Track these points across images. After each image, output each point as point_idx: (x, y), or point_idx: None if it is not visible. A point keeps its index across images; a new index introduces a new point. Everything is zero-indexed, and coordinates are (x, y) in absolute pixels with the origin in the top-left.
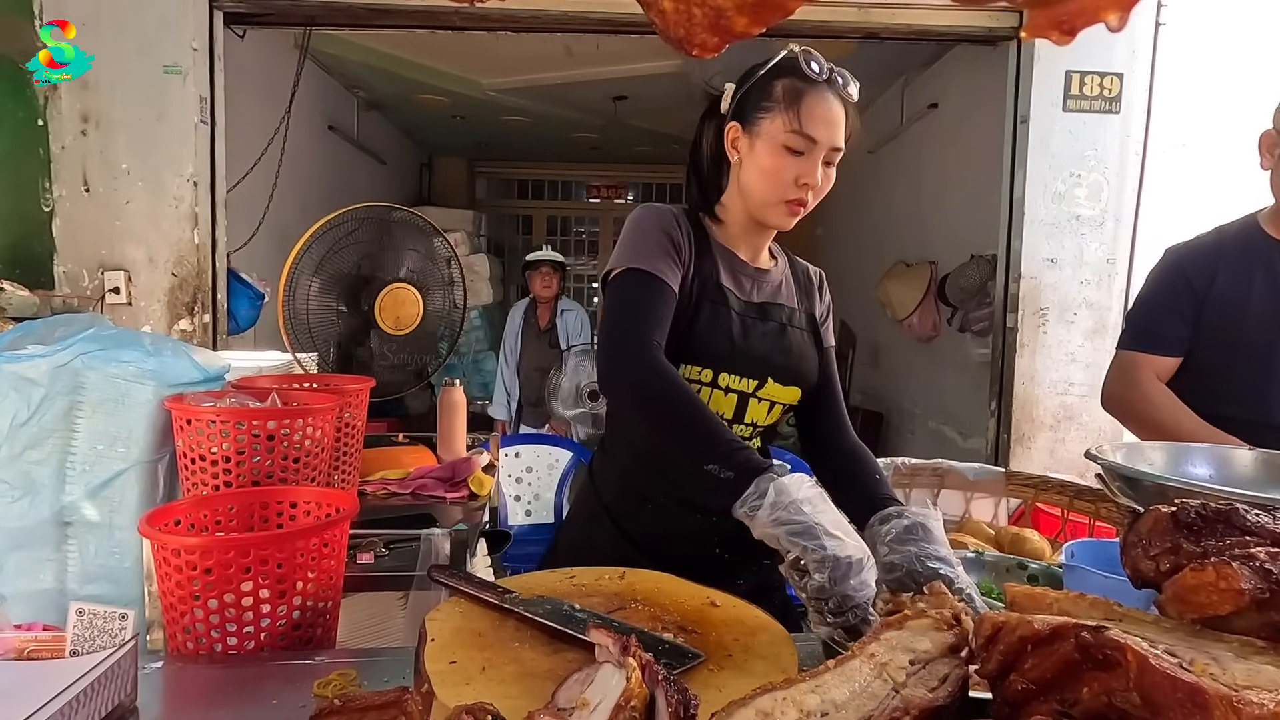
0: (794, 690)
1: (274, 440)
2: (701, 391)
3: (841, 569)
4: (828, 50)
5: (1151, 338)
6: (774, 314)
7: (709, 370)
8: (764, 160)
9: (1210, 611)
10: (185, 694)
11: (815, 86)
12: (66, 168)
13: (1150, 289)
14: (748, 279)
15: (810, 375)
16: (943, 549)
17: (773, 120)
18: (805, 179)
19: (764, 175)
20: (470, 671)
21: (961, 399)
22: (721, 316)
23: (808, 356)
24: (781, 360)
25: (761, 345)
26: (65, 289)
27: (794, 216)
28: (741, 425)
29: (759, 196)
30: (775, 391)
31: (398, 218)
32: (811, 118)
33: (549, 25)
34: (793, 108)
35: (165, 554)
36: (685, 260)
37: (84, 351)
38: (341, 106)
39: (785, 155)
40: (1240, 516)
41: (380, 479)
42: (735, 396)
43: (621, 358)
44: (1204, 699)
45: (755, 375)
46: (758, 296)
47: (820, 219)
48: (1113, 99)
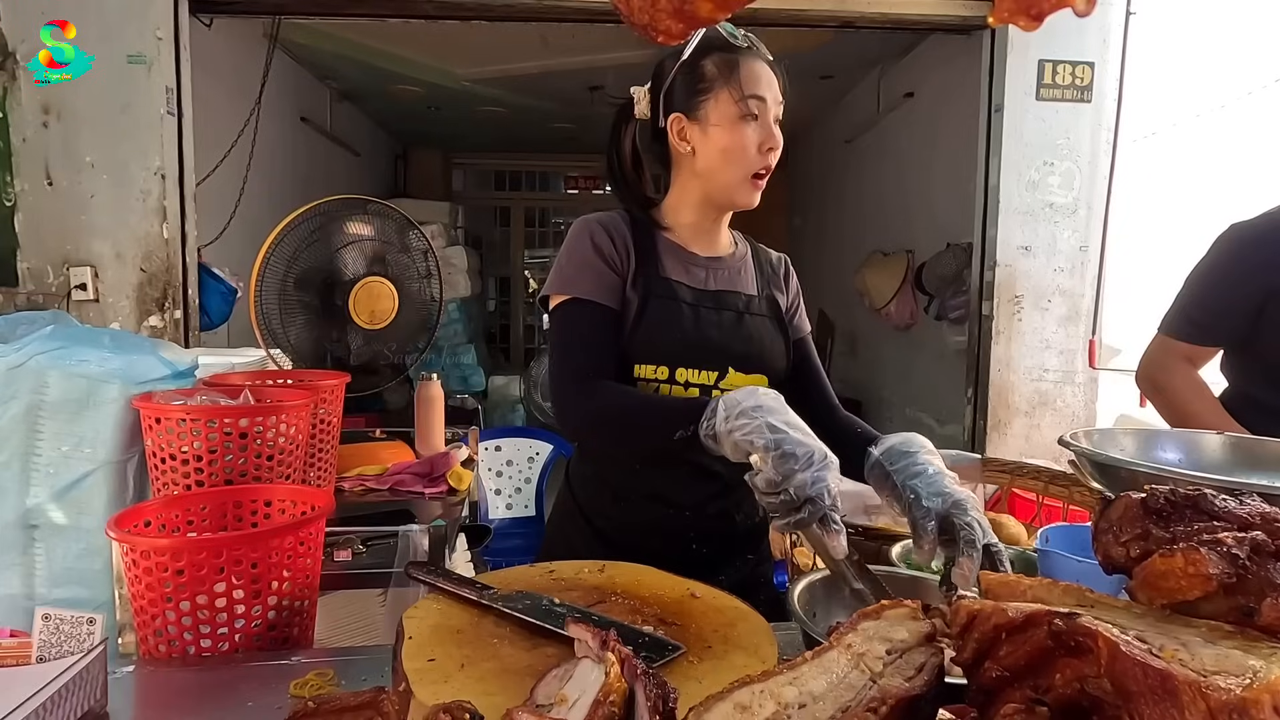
0: (771, 683)
1: (247, 438)
2: (660, 390)
3: (789, 461)
4: (803, 39)
5: (1192, 326)
6: (731, 302)
7: (664, 368)
8: (722, 139)
9: (1179, 597)
10: (158, 698)
11: (742, 54)
12: (28, 161)
13: (1204, 274)
14: (700, 268)
15: (776, 361)
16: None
17: (717, 98)
18: (768, 142)
19: (726, 154)
20: (448, 669)
21: (938, 386)
22: (671, 310)
23: (771, 343)
24: (741, 348)
25: (718, 335)
26: (29, 286)
27: (758, 190)
28: None
29: (724, 178)
30: (739, 381)
31: (371, 210)
32: (753, 80)
33: (524, 14)
34: (733, 78)
35: (135, 556)
36: (624, 264)
37: (43, 350)
38: (314, 98)
39: (742, 126)
40: (1208, 502)
41: (357, 475)
42: (697, 391)
43: (569, 404)
44: (1173, 685)
45: (714, 366)
46: (714, 285)
47: (797, 209)
48: (1084, 88)
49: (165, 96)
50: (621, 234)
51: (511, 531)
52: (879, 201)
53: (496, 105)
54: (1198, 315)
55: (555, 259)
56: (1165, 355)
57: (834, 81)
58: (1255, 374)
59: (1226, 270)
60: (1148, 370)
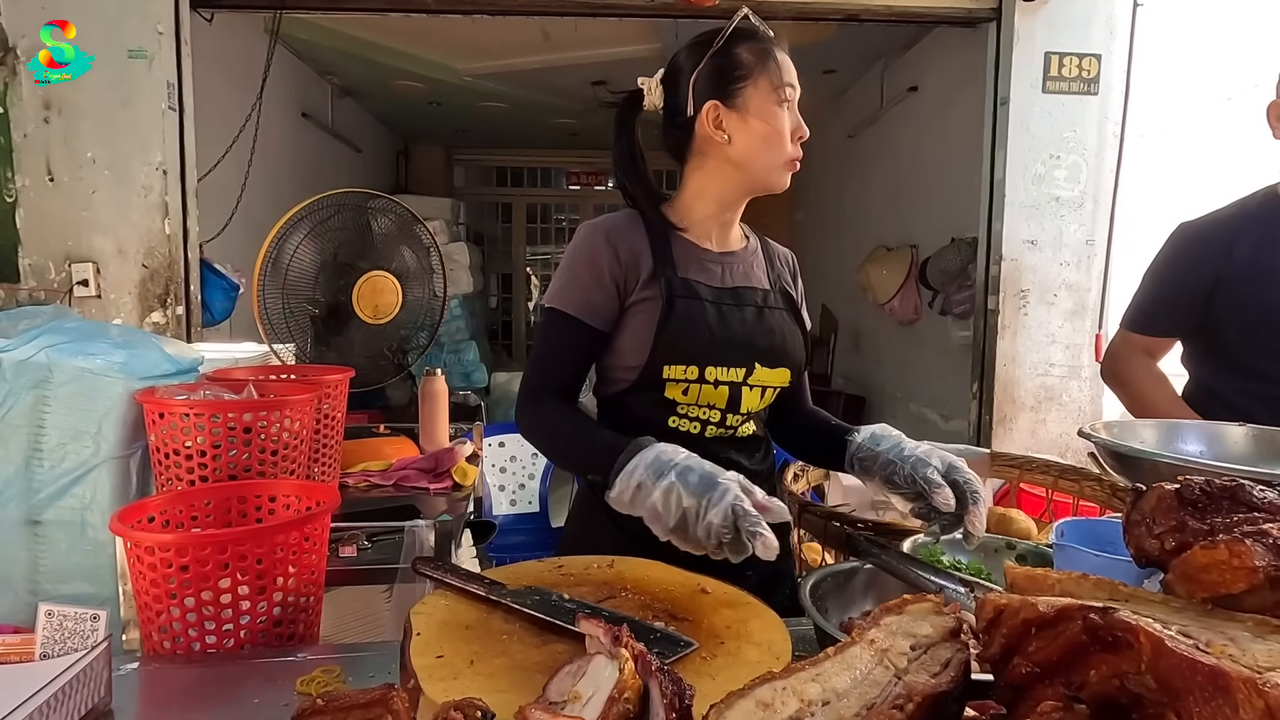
0: (794, 679)
1: (251, 433)
2: (691, 389)
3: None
4: (806, 33)
5: (1145, 318)
6: (749, 297)
7: (694, 368)
8: (761, 126)
9: (1222, 590)
10: (163, 695)
11: (771, 43)
12: (29, 157)
13: (1154, 269)
14: (716, 265)
15: (796, 354)
16: (909, 443)
17: (755, 84)
18: (799, 130)
19: (766, 140)
20: (458, 666)
21: (943, 381)
22: (695, 310)
23: (791, 336)
24: (765, 343)
25: (742, 331)
26: (31, 282)
27: (791, 173)
28: (736, 415)
29: (763, 162)
30: (765, 376)
31: (375, 205)
32: (787, 68)
33: (526, 9)
34: (770, 65)
35: (139, 551)
36: (630, 274)
37: (49, 345)
38: (315, 93)
39: (779, 112)
40: (1246, 493)
41: (362, 471)
42: (726, 389)
43: (518, 412)
44: (1226, 681)
45: (741, 363)
46: (731, 281)
47: (800, 204)
48: (1091, 80)
49: (166, 92)
50: (629, 240)
51: (516, 528)
52: (882, 196)
53: (498, 101)
54: (1150, 308)
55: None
56: (1125, 349)
57: (837, 75)
58: (1210, 364)
59: (1175, 263)
60: (1110, 364)
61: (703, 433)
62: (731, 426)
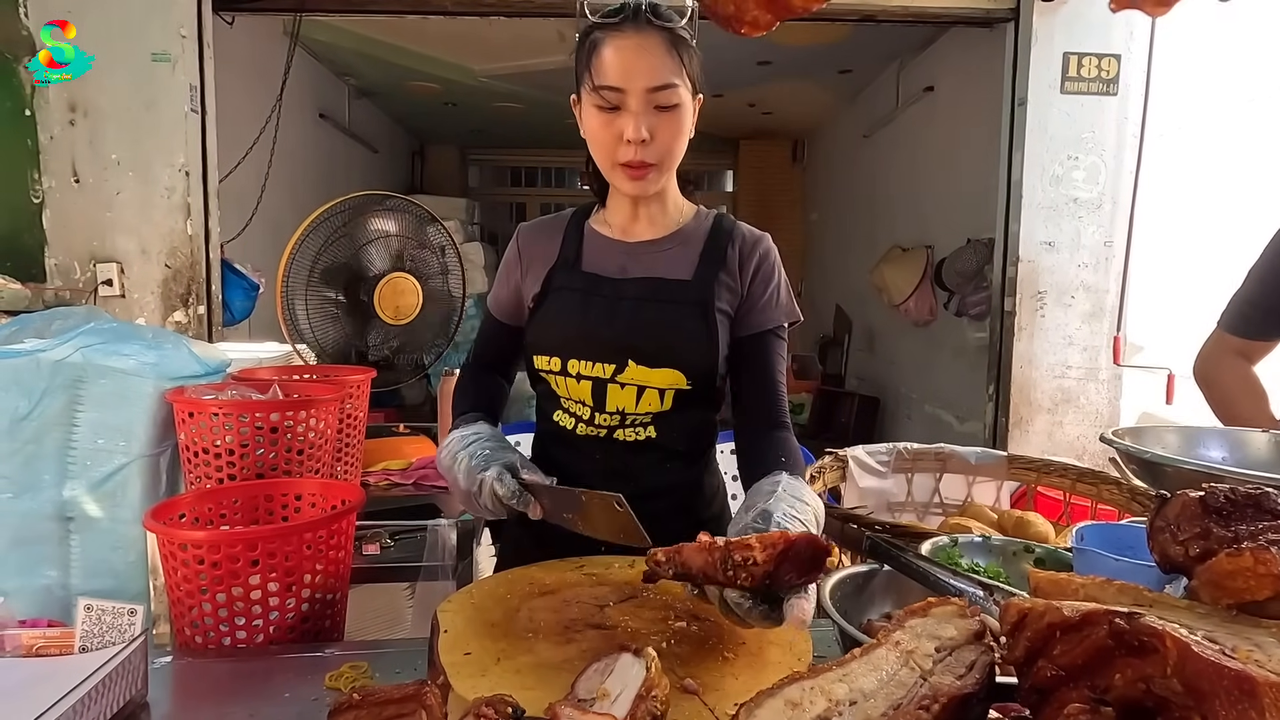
0: (821, 679)
1: (277, 433)
2: (554, 380)
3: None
4: (822, 33)
5: (1242, 319)
6: (644, 290)
7: (556, 359)
8: (586, 125)
9: (1247, 597)
10: (196, 689)
11: (609, 30)
12: (55, 158)
13: (1258, 267)
14: (621, 255)
15: (689, 355)
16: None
17: (585, 82)
18: (627, 135)
19: (592, 141)
20: (485, 663)
21: (958, 383)
22: (565, 302)
23: (690, 335)
24: (645, 340)
25: (615, 326)
26: (57, 282)
27: (638, 180)
28: (605, 414)
29: (599, 164)
30: (642, 375)
31: (393, 206)
32: (609, 67)
33: (541, 10)
34: (593, 61)
35: (171, 548)
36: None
37: (85, 345)
38: (332, 94)
39: (599, 115)
40: (1271, 500)
41: (382, 470)
42: (589, 383)
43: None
44: (1252, 686)
45: (610, 359)
46: (634, 272)
47: (815, 204)
48: (1110, 81)
49: (189, 94)
50: (538, 241)
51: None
52: (897, 196)
53: (513, 101)
54: (1248, 309)
55: None
56: (1219, 350)
57: (852, 75)
58: None
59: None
60: (1201, 365)
61: (574, 429)
62: (606, 426)
